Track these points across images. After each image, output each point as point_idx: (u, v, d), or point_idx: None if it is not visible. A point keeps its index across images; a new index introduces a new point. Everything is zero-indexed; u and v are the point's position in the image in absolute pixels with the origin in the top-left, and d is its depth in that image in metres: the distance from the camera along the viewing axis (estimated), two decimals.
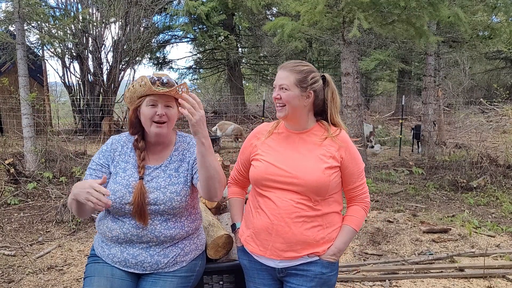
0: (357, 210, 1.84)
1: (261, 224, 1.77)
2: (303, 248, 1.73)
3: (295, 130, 1.84)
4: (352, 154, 1.80)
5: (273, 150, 1.83)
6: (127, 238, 1.79)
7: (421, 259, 3.89)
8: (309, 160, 1.75)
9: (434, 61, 9.71)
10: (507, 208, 5.63)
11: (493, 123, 13.09)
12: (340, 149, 1.77)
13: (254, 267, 1.84)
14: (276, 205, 1.73)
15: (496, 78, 21.09)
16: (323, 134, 1.81)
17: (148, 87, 1.77)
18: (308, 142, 1.80)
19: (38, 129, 7.94)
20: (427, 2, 6.39)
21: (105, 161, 1.87)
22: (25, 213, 5.22)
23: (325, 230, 1.76)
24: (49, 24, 10.05)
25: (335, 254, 1.76)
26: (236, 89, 18.13)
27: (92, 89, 13.68)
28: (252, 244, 1.81)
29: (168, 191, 1.81)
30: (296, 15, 8.68)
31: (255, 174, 1.82)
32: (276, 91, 1.78)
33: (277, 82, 1.79)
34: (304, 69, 1.79)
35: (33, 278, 3.57)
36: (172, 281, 1.81)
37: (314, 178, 1.70)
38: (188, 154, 1.91)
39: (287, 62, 1.82)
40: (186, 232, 1.88)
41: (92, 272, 1.80)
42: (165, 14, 16.35)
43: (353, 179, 1.81)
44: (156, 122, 1.80)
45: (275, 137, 1.87)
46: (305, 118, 1.82)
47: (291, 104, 1.76)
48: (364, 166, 1.87)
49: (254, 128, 2.00)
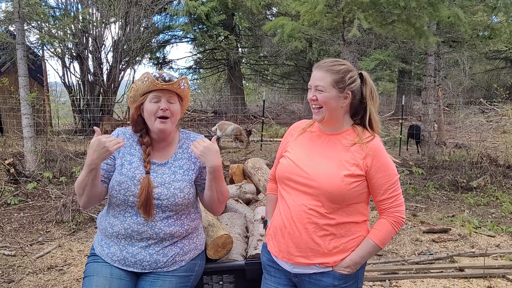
0: (383, 224, 1.68)
1: (277, 224, 1.75)
2: (314, 256, 1.66)
3: (327, 131, 1.76)
4: (381, 164, 1.66)
5: (300, 148, 1.77)
6: (127, 234, 1.79)
7: (421, 259, 3.89)
8: (330, 164, 1.66)
9: (434, 61, 9.70)
10: (507, 208, 5.63)
11: (493, 123, 13.09)
12: (366, 157, 1.65)
13: (271, 265, 1.81)
14: (289, 208, 1.70)
15: (496, 78, 21.09)
16: (354, 139, 1.70)
17: (151, 81, 1.79)
18: (336, 145, 1.71)
19: (38, 129, 7.94)
20: (427, 2, 6.39)
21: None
22: (25, 213, 5.22)
23: (339, 239, 1.66)
24: (49, 24, 10.06)
25: (349, 266, 1.65)
26: (236, 89, 18.13)
27: (92, 89, 13.68)
28: (271, 243, 1.79)
29: (172, 187, 1.82)
30: (296, 15, 8.68)
31: (279, 171, 1.79)
32: (312, 92, 1.70)
33: (312, 82, 1.70)
34: (341, 69, 1.68)
35: (33, 278, 3.57)
36: (171, 281, 1.81)
37: (331, 184, 1.62)
38: (193, 154, 1.92)
39: (323, 61, 1.73)
40: (186, 230, 1.88)
41: (91, 272, 1.81)
42: (165, 14, 16.36)
43: (381, 191, 1.67)
44: (159, 118, 1.82)
45: (307, 136, 1.81)
46: (341, 120, 1.73)
47: (328, 106, 1.67)
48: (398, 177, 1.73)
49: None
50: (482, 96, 18.98)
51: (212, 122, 14.57)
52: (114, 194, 1.80)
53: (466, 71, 19.00)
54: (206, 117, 16.48)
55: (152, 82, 1.79)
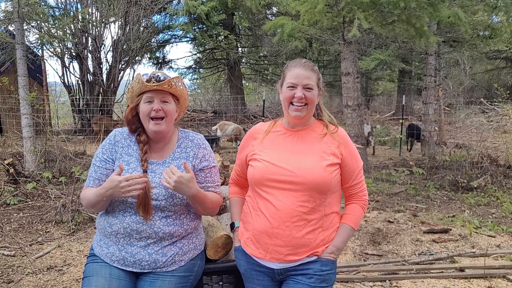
0: (355, 208, 1.83)
1: (261, 227, 1.75)
2: (304, 252, 1.73)
3: (294, 128, 1.83)
4: (351, 151, 1.79)
5: (272, 149, 1.81)
6: (127, 233, 1.79)
7: (422, 260, 3.88)
8: (310, 157, 1.73)
9: (434, 61, 9.69)
10: (508, 208, 5.62)
11: (494, 123, 13.06)
12: (340, 146, 1.77)
13: (252, 268, 1.82)
14: (277, 208, 1.71)
15: (497, 78, 21.06)
16: (322, 130, 1.81)
17: (142, 83, 1.80)
18: (306, 139, 1.79)
19: (37, 129, 7.92)
20: (427, 2, 6.38)
21: (109, 155, 1.88)
22: (24, 213, 5.20)
23: (325, 231, 1.75)
24: (49, 24, 10.06)
25: (333, 252, 1.76)
26: (236, 89, 18.11)
27: (92, 89, 13.66)
28: (252, 247, 1.80)
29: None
30: (296, 15, 8.67)
31: (255, 174, 1.79)
32: (299, 91, 1.74)
33: (300, 81, 1.74)
34: (317, 69, 1.82)
35: (33, 279, 3.56)
36: (170, 281, 1.81)
37: (316, 176, 1.69)
38: (191, 154, 1.91)
39: (302, 61, 1.80)
40: (185, 230, 1.87)
41: (91, 272, 1.80)
42: (165, 14, 16.34)
43: (352, 177, 1.80)
44: (153, 119, 1.82)
45: (273, 136, 1.85)
46: (311, 116, 1.85)
47: (313, 103, 1.78)
48: (363, 165, 1.87)
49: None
50: (482, 96, 18.96)
51: (212, 122, 14.56)
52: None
53: (467, 71, 18.97)
54: (206, 117, 16.48)
55: (142, 84, 1.80)
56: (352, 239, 4.50)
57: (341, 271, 3.67)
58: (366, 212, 5.44)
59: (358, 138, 7.77)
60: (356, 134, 7.76)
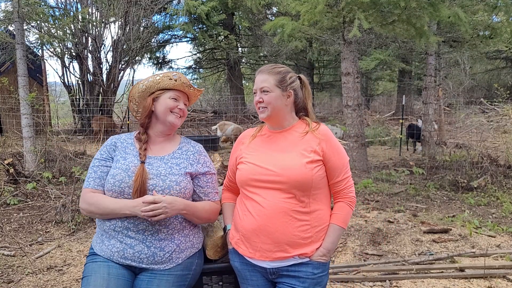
0: (342, 207, 1.84)
1: (248, 226, 1.79)
2: (292, 248, 1.74)
3: (277, 130, 1.89)
4: (333, 147, 1.81)
5: (257, 151, 1.87)
6: (124, 225, 1.81)
7: (422, 260, 3.88)
8: (290, 156, 1.78)
9: (434, 60, 9.70)
10: (508, 208, 5.62)
11: (494, 123, 13.07)
12: (320, 142, 1.80)
13: (246, 268, 1.86)
14: (262, 206, 1.75)
15: (497, 78, 21.08)
16: (304, 129, 1.86)
17: (182, 83, 1.97)
18: (289, 140, 1.84)
19: (37, 129, 7.93)
20: (427, 2, 6.38)
21: (108, 154, 1.95)
22: (24, 213, 5.20)
23: (312, 229, 1.77)
24: (49, 24, 10.06)
25: (324, 255, 1.78)
26: (236, 89, 18.12)
27: (92, 89, 13.67)
28: (242, 247, 1.84)
29: (168, 179, 1.85)
30: (296, 15, 8.67)
31: (241, 176, 1.85)
32: (258, 95, 1.84)
33: (257, 86, 1.85)
34: (281, 70, 1.86)
35: (33, 279, 3.56)
36: (167, 280, 1.82)
37: (297, 174, 1.72)
38: (192, 157, 1.98)
39: (264, 67, 1.89)
40: (179, 222, 1.89)
41: (90, 272, 1.82)
42: (165, 14, 16.35)
43: (336, 173, 1.82)
44: (173, 113, 1.96)
45: (258, 140, 1.93)
46: (287, 117, 1.88)
47: (273, 104, 1.82)
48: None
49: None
50: (482, 96, 18.98)
51: (212, 122, 14.58)
52: (109, 187, 1.83)
53: (467, 71, 18.98)
54: (206, 117, 16.49)
55: (182, 84, 1.97)
56: (352, 239, 4.50)
57: (341, 271, 3.67)
58: (366, 212, 5.45)
59: (358, 138, 7.77)
60: (356, 134, 7.76)
